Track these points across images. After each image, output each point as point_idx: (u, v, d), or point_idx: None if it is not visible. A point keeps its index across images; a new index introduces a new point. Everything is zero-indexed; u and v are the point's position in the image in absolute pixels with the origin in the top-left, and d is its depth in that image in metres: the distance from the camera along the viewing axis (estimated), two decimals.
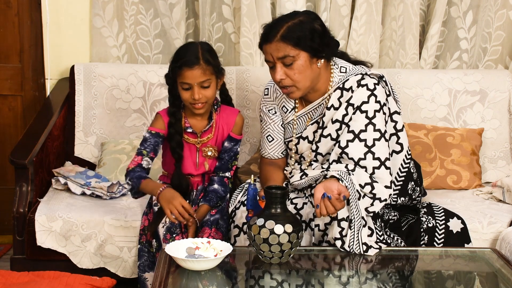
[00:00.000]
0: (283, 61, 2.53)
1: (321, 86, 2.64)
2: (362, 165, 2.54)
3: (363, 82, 2.59)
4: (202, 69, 2.67)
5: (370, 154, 2.54)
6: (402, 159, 2.69)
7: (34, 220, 2.93)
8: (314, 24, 2.56)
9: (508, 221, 2.94)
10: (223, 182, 2.85)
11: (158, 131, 2.78)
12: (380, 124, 2.57)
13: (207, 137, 2.83)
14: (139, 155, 2.75)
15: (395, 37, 3.69)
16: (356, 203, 2.46)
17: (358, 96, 2.58)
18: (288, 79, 2.55)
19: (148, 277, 2.81)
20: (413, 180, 2.76)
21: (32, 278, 2.61)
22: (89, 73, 3.52)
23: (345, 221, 2.45)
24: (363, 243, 2.46)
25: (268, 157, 2.83)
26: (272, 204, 2.35)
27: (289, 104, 2.75)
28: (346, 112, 2.60)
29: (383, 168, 2.54)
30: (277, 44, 2.52)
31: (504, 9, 3.70)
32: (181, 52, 2.73)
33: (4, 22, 3.72)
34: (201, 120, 2.82)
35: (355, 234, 2.45)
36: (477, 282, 2.42)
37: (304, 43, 2.52)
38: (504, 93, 3.56)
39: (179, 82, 2.71)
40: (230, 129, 2.84)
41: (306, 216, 2.63)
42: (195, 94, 2.68)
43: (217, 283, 2.31)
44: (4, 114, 3.82)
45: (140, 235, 2.86)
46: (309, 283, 2.32)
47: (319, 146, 2.66)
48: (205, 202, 2.78)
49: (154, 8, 3.64)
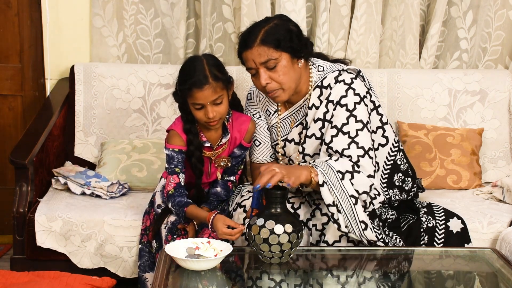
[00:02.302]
0: (266, 65, 2.55)
1: (302, 87, 2.67)
2: (346, 155, 2.54)
3: (340, 78, 2.61)
4: (212, 87, 2.58)
5: (353, 144, 2.55)
6: (387, 152, 2.71)
7: (34, 220, 2.93)
8: (289, 25, 2.60)
9: (508, 221, 2.94)
10: (227, 186, 2.85)
11: (179, 148, 2.70)
12: (361, 115, 2.58)
13: (222, 148, 2.79)
14: (173, 174, 2.68)
15: (395, 37, 3.69)
16: (340, 183, 2.45)
17: (336, 91, 2.60)
18: (274, 83, 2.57)
19: (148, 277, 2.81)
20: (400, 172, 2.76)
21: (32, 278, 2.61)
22: (89, 73, 3.52)
23: (333, 206, 2.46)
24: (361, 221, 2.47)
25: (257, 162, 2.85)
26: (272, 204, 2.35)
27: (272, 107, 2.77)
28: (326, 109, 2.61)
29: (367, 157, 2.55)
30: (258, 48, 2.54)
31: (504, 9, 3.70)
32: (188, 71, 2.62)
33: (4, 22, 3.72)
34: (216, 132, 2.76)
35: (348, 215, 2.45)
36: (477, 282, 2.42)
37: (284, 44, 2.54)
38: (504, 93, 3.56)
39: (191, 103, 2.62)
40: (242, 137, 2.79)
41: (304, 216, 2.63)
42: (209, 114, 2.60)
43: (217, 283, 2.31)
44: (4, 114, 3.82)
45: (142, 235, 2.86)
46: (308, 283, 2.32)
47: (305, 147, 2.67)
48: (205, 204, 2.78)
49: (154, 7, 3.64)
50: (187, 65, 2.65)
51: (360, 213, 2.48)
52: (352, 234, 2.48)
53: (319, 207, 2.60)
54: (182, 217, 2.66)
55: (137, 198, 3.14)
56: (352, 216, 2.46)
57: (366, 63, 3.67)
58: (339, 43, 3.65)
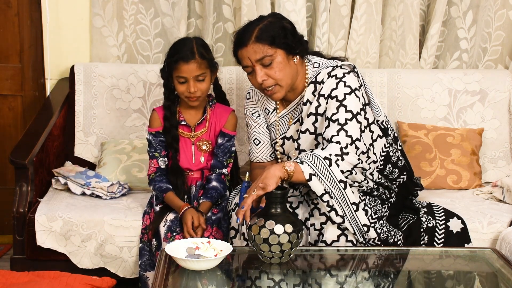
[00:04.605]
0: (261, 63, 2.58)
1: (299, 84, 2.69)
2: (335, 141, 2.52)
3: (332, 73, 2.63)
4: (197, 63, 2.77)
5: (342, 131, 2.54)
6: (383, 144, 2.73)
7: (34, 220, 2.93)
8: (283, 22, 2.64)
9: (508, 221, 2.94)
10: (221, 179, 2.89)
11: (156, 130, 2.89)
12: (351, 105, 2.57)
13: (201, 131, 2.91)
14: (153, 159, 2.90)
15: (395, 37, 3.69)
16: (328, 170, 2.44)
17: (327, 85, 2.62)
18: (270, 79, 2.60)
19: (149, 276, 2.82)
20: (390, 163, 2.76)
21: (32, 278, 2.61)
22: (89, 73, 3.52)
23: (325, 194, 2.45)
24: (352, 203, 2.48)
25: (257, 161, 2.86)
26: (272, 204, 2.35)
27: (271, 106, 2.80)
28: (318, 103, 2.63)
29: (353, 146, 2.53)
30: (253, 46, 2.58)
31: (504, 9, 3.70)
32: (177, 47, 2.83)
33: (4, 22, 3.72)
34: (195, 114, 2.92)
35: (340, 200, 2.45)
36: (477, 282, 2.42)
37: (279, 41, 2.57)
38: (504, 93, 3.56)
39: (175, 76, 2.80)
40: (222, 125, 2.92)
41: (302, 216, 2.63)
42: (190, 88, 2.78)
43: (217, 283, 2.31)
44: (4, 114, 3.82)
45: (142, 234, 2.86)
46: (307, 283, 2.32)
47: (300, 143, 2.68)
48: (207, 199, 2.81)
49: (154, 7, 3.64)
50: (177, 42, 2.87)
51: (350, 196, 2.49)
52: (347, 223, 2.49)
53: (317, 207, 2.60)
54: (161, 202, 2.85)
55: (137, 199, 3.14)
56: (344, 200, 2.47)
57: (366, 63, 3.67)
58: (339, 43, 3.65)
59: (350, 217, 2.49)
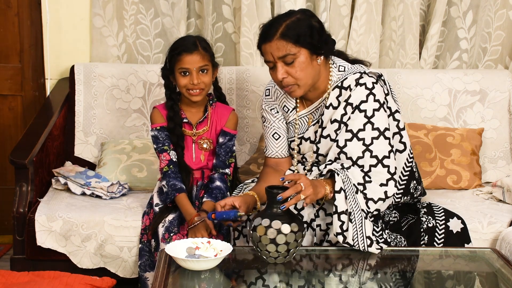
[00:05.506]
0: (284, 60, 2.52)
1: (321, 84, 2.64)
2: (359, 164, 2.53)
3: (361, 81, 2.59)
4: (200, 54, 2.79)
5: (368, 152, 2.53)
6: (405, 158, 2.68)
7: (34, 220, 2.93)
8: (311, 21, 2.56)
9: (508, 221, 2.94)
10: (224, 179, 2.88)
11: (161, 125, 2.88)
12: (379, 122, 2.56)
13: (202, 129, 2.90)
14: (163, 152, 2.85)
15: (395, 37, 3.69)
16: (354, 196, 2.45)
17: (356, 95, 2.58)
18: (290, 78, 2.55)
19: (149, 276, 2.81)
20: (415, 179, 2.76)
21: (32, 278, 2.61)
22: (89, 73, 3.52)
23: (345, 215, 2.44)
24: (367, 237, 2.46)
25: (275, 157, 2.79)
26: (274, 204, 2.34)
27: (290, 104, 2.74)
28: (344, 111, 2.59)
29: (380, 166, 2.53)
30: (277, 42, 2.51)
31: (504, 9, 3.70)
32: (179, 41, 2.87)
33: (4, 22, 3.72)
34: (197, 112, 2.91)
35: (357, 227, 2.44)
36: (477, 282, 2.42)
37: (304, 40, 2.51)
38: (504, 93, 3.56)
39: (178, 69, 2.80)
40: (223, 124, 2.91)
41: (308, 217, 2.62)
42: (194, 79, 2.78)
43: (217, 283, 2.31)
44: (4, 114, 3.82)
45: (142, 235, 2.86)
46: (310, 283, 2.32)
47: (319, 147, 2.65)
48: (211, 199, 2.79)
49: (154, 7, 3.64)
50: (180, 39, 2.92)
51: (368, 228, 2.47)
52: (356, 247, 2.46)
53: (323, 207, 2.59)
54: (170, 200, 2.78)
55: (137, 199, 3.14)
56: (361, 229, 2.45)
57: None
58: (339, 43, 3.65)
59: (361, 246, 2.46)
